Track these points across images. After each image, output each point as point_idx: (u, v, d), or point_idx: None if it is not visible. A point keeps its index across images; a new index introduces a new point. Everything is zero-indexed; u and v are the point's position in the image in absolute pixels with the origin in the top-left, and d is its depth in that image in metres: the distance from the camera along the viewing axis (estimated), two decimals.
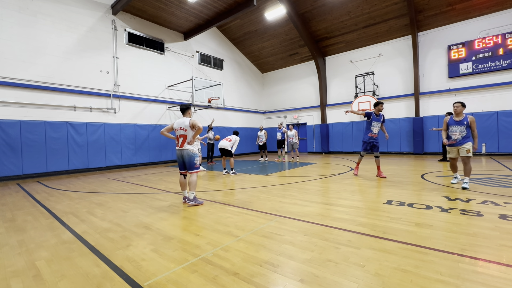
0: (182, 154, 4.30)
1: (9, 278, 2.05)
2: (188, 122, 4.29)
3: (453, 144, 4.92)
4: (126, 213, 3.88)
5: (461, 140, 4.82)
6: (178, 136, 4.34)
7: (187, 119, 4.34)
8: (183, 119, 4.39)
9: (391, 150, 13.02)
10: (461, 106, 4.85)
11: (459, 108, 4.84)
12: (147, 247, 2.58)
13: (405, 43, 12.47)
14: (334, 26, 13.14)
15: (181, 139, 4.30)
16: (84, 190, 6.01)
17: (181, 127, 4.31)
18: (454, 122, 4.92)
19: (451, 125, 4.96)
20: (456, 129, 4.88)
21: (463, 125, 4.80)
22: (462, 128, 4.80)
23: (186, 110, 4.51)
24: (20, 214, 4.04)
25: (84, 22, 9.55)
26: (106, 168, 9.97)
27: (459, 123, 4.85)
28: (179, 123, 4.35)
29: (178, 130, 4.35)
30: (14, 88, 7.93)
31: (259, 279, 1.92)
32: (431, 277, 1.86)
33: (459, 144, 4.83)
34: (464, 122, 4.79)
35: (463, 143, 4.78)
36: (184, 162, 4.32)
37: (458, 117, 4.90)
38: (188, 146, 4.27)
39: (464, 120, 4.80)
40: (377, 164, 6.49)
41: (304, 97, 16.46)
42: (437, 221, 3.04)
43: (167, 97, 12.34)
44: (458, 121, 4.86)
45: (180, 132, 4.31)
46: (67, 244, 2.72)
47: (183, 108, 4.52)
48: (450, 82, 11.46)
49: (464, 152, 4.73)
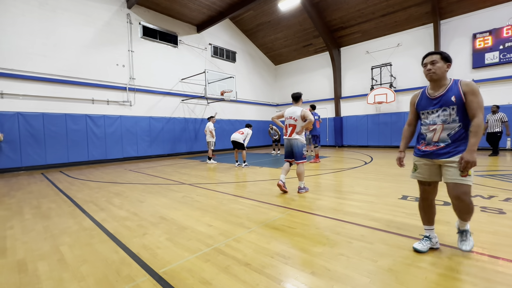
0: (291, 144, 4.32)
1: (37, 261, 2.19)
2: (299, 112, 4.28)
3: (426, 153, 2.14)
4: (142, 203, 4.01)
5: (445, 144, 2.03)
6: (288, 125, 4.36)
7: (299, 109, 4.32)
8: (294, 108, 4.37)
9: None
10: (439, 60, 2.03)
11: (435, 65, 2.03)
12: (162, 236, 2.67)
13: (426, 32, 11.86)
14: (350, 15, 12.67)
15: (290, 128, 4.32)
16: (103, 180, 6.27)
17: (291, 116, 4.32)
18: (427, 101, 2.15)
19: (423, 108, 2.18)
20: (431, 116, 2.12)
21: (448, 104, 2.01)
22: (447, 112, 2.02)
23: (299, 98, 4.46)
24: (44, 201, 4.28)
25: (100, 16, 9.75)
26: (123, 159, 10.32)
27: (438, 101, 2.07)
28: (290, 112, 4.36)
29: (288, 119, 4.36)
30: (37, 82, 8.29)
31: (270, 270, 1.94)
32: (448, 274, 1.81)
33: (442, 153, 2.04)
34: (449, 99, 2.00)
35: (451, 152, 2.00)
36: (293, 152, 4.33)
37: (435, 88, 2.11)
38: (297, 136, 4.29)
39: (451, 94, 2.00)
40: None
41: (317, 89, 16.15)
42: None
43: (181, 90, 12.48)
44: (436, 97, 2.08)
45: (290, 122, 4.33)
46: (87, 231, 2.87)
47: (297, 96, 4.46)
48: (474, 73, 10.85)
49: (453, 175, 1.98)
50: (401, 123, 12.73)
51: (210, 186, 5.12)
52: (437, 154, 2.06)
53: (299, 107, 4.38)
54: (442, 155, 2.03)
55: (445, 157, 2.01)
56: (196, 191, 4.77)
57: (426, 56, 2.11)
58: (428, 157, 2.13)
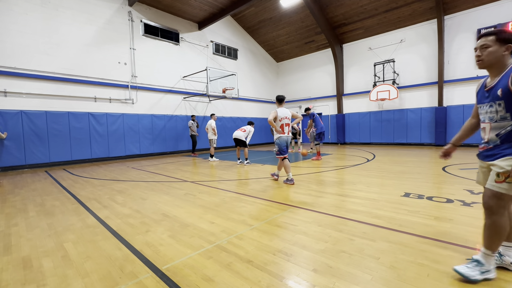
0: (287, 140, 4.97)
1: (41, 258, 2.22)
2: (289, 112, 5.00)
3: (478, 154, 1.87)
4: (145, 200, 4.04)
5: (494, 145, 1.70)
6: (284, 125, 4.90)
7: (288, 110, 5.01)
8: (284, 109, 4.98)
9: (411, 141, 12.54)
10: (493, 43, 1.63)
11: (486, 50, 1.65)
12: (164, 233, 2.69)
13: (430, 27, 11.73)
14: (352, 11, 12.55)
15: (287, 127, 4.93)
16: (106, 177, 6.31)
17: (286, 116, 4.92)
18: (482, 93, 1.79)
19: (478, 102, 1.84)
20: (482, 112, 1.80)
21: (495, 99, 1.65)
22: (493, 109, 1.68)
23: (284, 100, 5.06)
24: (48, 199, 4.32)
25: (102, 14, 9.75)
26: (125, 157, 10.37)
27: (488, 94, 1.71)
28: (284, 112, 4.92)
29: (284, 119, 4.90)
30: (39, 80, 8.33)
31: (272, 267, 1.95)
32: (450, 272, 1.80)
33: (488, 155, 1.75)
34: (496, 92, 1.63)
35: (497, 154, 1.66)
36: (287, 147, 4.98)
37: (491, 77, 1.73)
38: (290, 133, 5.03)
39: (499, 86, 1.62)
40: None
41: (320, 86, 16.08)
42: (458, 215, 2.93)
43: (183, 88, 12.48)
44: (488, 89, 1.72)
45: (286, 121, 4.91)
46: (91, 228, 2.89)
47: (282, 99, 5.04)
48: (478, 70, 10.73)
49: (491, 179, 1.67)
50: (404, 120, 12.65)
51: (212, 184, 5.14)
52: (484, 155, 1.78)
53: (286, 108, 5.03)
54: (488, 157, 1.74)
55: (490, 159, 1.71)
56: (198, 188, 4.78)
57: (479, 38, 1.72)
58: (479, 158, 1.86)
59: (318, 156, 8.25)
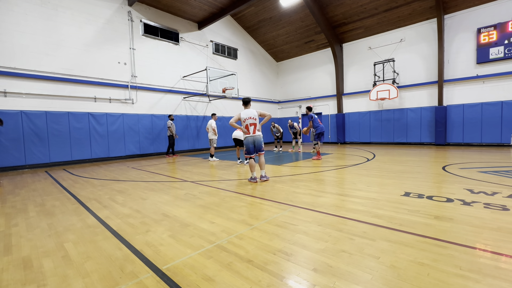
0: (254, 140, 5.08)
1: (41, 258, 2.22)
2: (256, 112, 5.10)
3: None
4: (145, 200, 4.04)
5: None
6: (248, 125, 5.05)
7: (254, 110, 5.12)
8: (250, 110, 5.14)
9: (411, 140, 12.54)
10: None
11: None
12: (165, 233, 2.69)
13: (430, 27, 11.72)
14: (352, 10, 12.55)
15: (252, 127, 5.06)
16: (106, 177, 6.31)
17: (250, 116, 5.05)
18: None
19: None
20: None
21: None
22: None
23: (249, 102, 5.30)
24: (49, 199, 4.32)
25: (101, 14, 9.74)
26: (125, 157, 10.37)
27: None
28: (248, 113, 5.07)
29: (248, 119, 5.05)
30: (39, 80, 8.32)
31: (272, 266, 1.95)
32: (450, 271, 1.81)
33: None
34: None
35: None
36: (255, 146, 5.11)
37: None
38: (259, 132, 5.15)
39: None
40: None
41: (319, 86, 16.08)
42: (458, 214, 2.93)
43: (182, 88, 12.48)
44: None
45: (250, 121, 5.05)
46: (91, 228, 2.90)
47: (248, 101, 5.27)
48: (478, 69, 10.73)
49: None
50: (404, 119, 12.65)
51: (212, 184, 5.14)
52: None
53: (252, 109, 5.18)
54: None
55: None
56: (199, 188, 4.79)
57: None
58: None
59: (318, 156, 8.25)
